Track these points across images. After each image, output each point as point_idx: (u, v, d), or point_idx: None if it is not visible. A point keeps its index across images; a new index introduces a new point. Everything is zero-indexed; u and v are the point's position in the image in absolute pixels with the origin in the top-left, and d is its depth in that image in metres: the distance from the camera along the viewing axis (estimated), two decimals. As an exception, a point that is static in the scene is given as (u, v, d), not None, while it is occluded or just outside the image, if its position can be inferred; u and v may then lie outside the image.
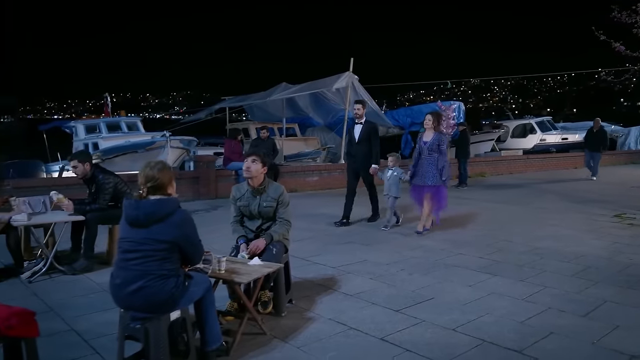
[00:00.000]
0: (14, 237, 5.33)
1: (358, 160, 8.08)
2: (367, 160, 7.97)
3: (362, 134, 8.00)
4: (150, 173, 3.03)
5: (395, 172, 7.78)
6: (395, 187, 7.76)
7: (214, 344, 3.38)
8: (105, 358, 3.52)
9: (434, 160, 7.24)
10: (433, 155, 7.26)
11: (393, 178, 7.76)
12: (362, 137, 7.99)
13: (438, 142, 7.26)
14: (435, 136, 7.30)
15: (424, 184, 7.30)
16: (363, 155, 7.99)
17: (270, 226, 4.30)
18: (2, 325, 2.68)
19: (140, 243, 2.93)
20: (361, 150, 8.03)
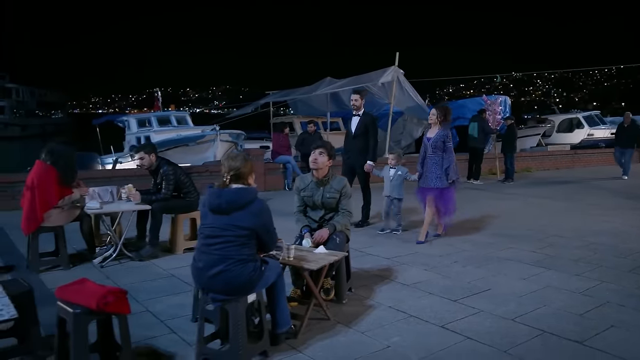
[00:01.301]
0: (88, 224, 5.68)
1: (353, 156, 7.38)
2: (363, 155, 7.30)
3: (359, 127, 7.32)
4: (232, 163, 3.24)
5: (400, 172, 7.08)
6: (399, 188, 7.06)
7: (284, 327, 3.57)
8: (182, 337, 3.75)
9: (439, 159, 6.51)
10: (437, 154, 6.52)
11: (397, 178, 7.06)
12: (359, 131, 7.31)
13: (443, 138, 6.50)
14: (440, 132, 6.54)
15: (427, 185, 6.63)
16: (359, 150, 7.30)
17: (332, 217, 4.46)
18: (100, 301, 2.93)
19: (222, 229, 3.14)
20: (357, 144, 7.32)
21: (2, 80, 54.05)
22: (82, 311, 2.95)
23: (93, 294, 2.99)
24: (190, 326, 3.94)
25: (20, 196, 8.59)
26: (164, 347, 3.59)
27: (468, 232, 7.27)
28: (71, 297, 3.04)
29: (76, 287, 3.13)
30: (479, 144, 13.06)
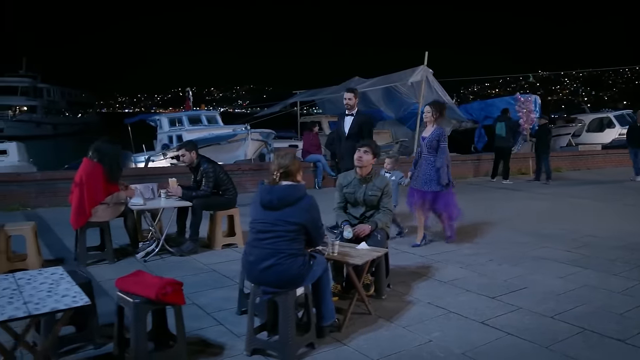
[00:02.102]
0: (131, 220, 5.87)
1: (346, 160, 6.64)
2: None
3: (353, 127, 6.82)
4: (282, 161, 3.37)
5: (394, 177, 6.60)
6: (394, 194, 6.21)
7: (328, 320, 3.69)
8: (229, 328, 3.89)
9: (434, 160, 6.08)
10: (433, 154, 6.09)
11: (392, 184, 6.23)
12: (353, 131, 6.79)
13: (438, 137, 6.05)
14: (435, 131, 6.07)
15: (422, 188, 6.17)
16: (352, 152, 6.73)
17: (372, 214, 4.56)
18: (159, 292, 3.09)
19: (273, 224, 3.26)
20: (351, 147, 6.31)
21: (34, 81, 55.34)
22: (142, 301, 3.11)
23: (152, 285, 3.15)
24: (236, 318, 4.09)
25: (61, 192, 8.94)
26: (213, 337, 3.73)
27: (501, 231, 7.28)
28: (130, 287, 3.20)
29: (135, 279, 3.30)
30: (506, 143, 12.95)
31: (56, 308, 2.48)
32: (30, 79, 54.73)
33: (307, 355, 3.45)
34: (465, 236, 6.93)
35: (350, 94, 6.96)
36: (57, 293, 2.68)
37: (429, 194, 6.12)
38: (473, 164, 14.26)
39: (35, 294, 2.66)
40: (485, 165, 14.26)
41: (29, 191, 8.90)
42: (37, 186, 9.00)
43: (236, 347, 3.57)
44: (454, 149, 16.38)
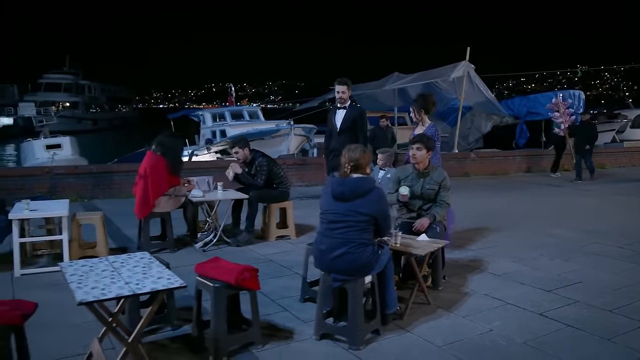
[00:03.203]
0: (191, 211, 6.13)
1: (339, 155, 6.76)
2: None
3: (345, 121, 6.42)
4: (352, 155, 3.53)
5: (389, 174, 6.15)
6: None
7: (392, 308, 3.83)
8: (294, 314, 4.08)
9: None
10: None
11: (385, 182, 6.00)
12: (346, 126, 6.40)
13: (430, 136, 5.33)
14: (427, 130, 5.58)
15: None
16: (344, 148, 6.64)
17: (429, 207, 4.67)
18: (238, 277, 3.29)
19: (344, 214, 3.42)
20: (343, 142, 6.10)
21: (76, 77, 57.06)
22: (221, 285, 3.31)
23: (231, 270, 3.35)
24: (300, 306, 4.28)
25: (115, 185, 9.32)
26: (281, 323, 3.92)
27: (550, 226, 7.27)
28: (209, 272, 3.41)
29: (213, 264, 3.51)
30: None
31: (155, 288, 2.70)
32: (73, 76, 56.47)
33: (373, 341, 3.60)
34: (513, 231, 6.97)
35: (342, 87, 6.45)
36: (152, 275, 2.89)
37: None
38: (514, 160, 14.16)
39: (132, 276, 2.88)
40: (526, 161, 14.15)
41: (85, 183, 9.30)
42: (93, 178, 9.40)
43: (304, 332, 3.75)
44: (495, 144, 16.28)
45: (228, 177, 6.30)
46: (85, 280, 2.80)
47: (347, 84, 6.51)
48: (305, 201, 9.08)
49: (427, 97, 5.78)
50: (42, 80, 55.49)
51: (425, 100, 5.69)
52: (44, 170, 9.22)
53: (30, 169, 9.08)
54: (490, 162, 13.69)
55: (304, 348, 3.52)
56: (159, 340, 3.63)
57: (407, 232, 4.50)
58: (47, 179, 8.97)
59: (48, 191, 8.67)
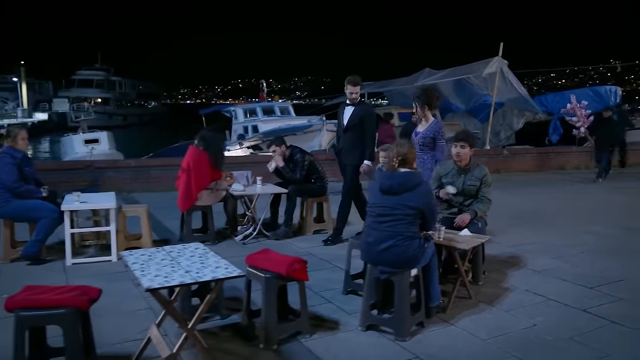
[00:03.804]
0: (232, 205, 6.27)
1: (345, 153, 6.12)
2: (356, 152, 6.00)
3: (353, 118, 6.06)
4: (400, 150, 3.60)
5: None
6: None
7: (435, 301, 3.90)
8: (338, 306, 4.17)
9: (428, 158, 5.27)
10: (427, 153, 5.27)
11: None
12: (353, 123, 6.05)
13: (433, 133, 5.24)
14: (430, 126, 5.26)
15: None
16: (351, 146, 6.03)
17: (470, 203, 4.71)
18: (289, 268, 3.39)
19: (392, 208, 3.50)
20: (349, 140, 6.05)
21: (107, 74, 58.22)
22: (272, 275, 3.42)
23: (282, 261, 3.46)
24: (343, 298, 4.38)
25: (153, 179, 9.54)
26: (326, 314, 4.02)
27: (586, 224, 7.21)
28: (260, 263, 3.52)
29: (263, 256, 3.62)
30: (620, 134, 12.50)
31: (216, 277, 2.82)
32: (105, 72, 57.59)
33: (418, 333, 3.67)
34: (550, 228, 6.94)
35: (356, 88, 6.07)
36: (210, 265, 3.02)
37: None
38: (547, 157, 13.98)
39: (191, 265, 3.00)
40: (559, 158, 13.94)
41: (124, 177, 9.55)
42: (132, 172, 9.64)
43: (350, 323, 3.84)
44: (528, 141, 16.07)
45: (269, 168, 6.43)
46: (147, 268, 2.93)
47: (360, 82, 6.22)
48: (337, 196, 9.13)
49: (429, 91, 5.44)
50: (75, 76, 56.82)
51: (428, 95, 5.35)
52: (85, 164, 9.51)
53: (73, 163, 9.39)
54: (522, 159, 13.55)
55: (351, 338, 3.61)
56: (209, 328, 3.76)
57: (448, 228, 4.53)
58: (89, 173, 9.24)
59: (89, 184, 8.93)
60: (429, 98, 5.29)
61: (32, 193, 5.31)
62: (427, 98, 5.28)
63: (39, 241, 5.24)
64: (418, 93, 5.39)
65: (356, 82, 6.09)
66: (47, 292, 2.91)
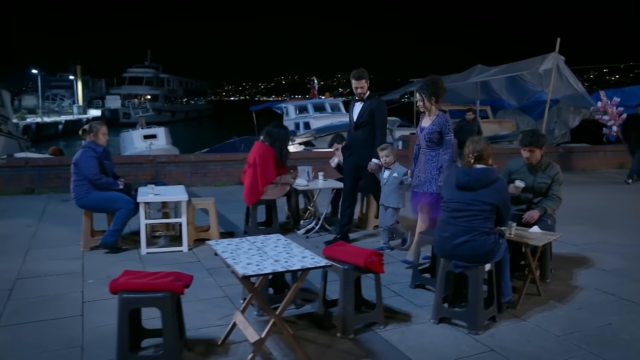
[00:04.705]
0: (295, 199, 6.44)
1: (356, 152, 5.84)
2: (368, 150, 5.69)
3: (362, 114, 5.75)
4: (476, 146, 3.65)
5: (395, 173, 5.45)
6: (395, 194, 5.44)
7: (507, 297, 3.94)
8: (408, 299, 4.26)
9: (435, 155, 4.94)
10: (434, 149, 4.95)
11: (392, 181, 5.45)
12: (363, 119, 5.74)
13: (439, 128, 4.88)
14: (436, 120, 4.90)
15: (419, 189, 5.04)
16: (362, 143, 5.76)
17: (540, 201, 4.69)
18: (367, 260, 3.50)
19: (468, 204, 3.56)
20: (360, 137, 5.76)
21: (156, 71, 59.87)
22: (350, 267, 3.54)
23: (360, 254, 3.57)
24: (411, 291, 4.46)
25: (210, 173, 9.84)
26: (397, 306, 4.11)
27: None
28: (337, 255, 3.64)
29: (340, 248, 3.74)
30: None
31: (305, 266, 2.96)
32: (154, 70, 59.27)
33: (491, 327, 3.72)
34: (615, 227, 6.81)
35: (360, 82, 5.74)
36: (296, 254, 3.16)
37: (429, 196, 4.94)
38: (605, 155, 13.61)
39: (278, 254, 3.15)
40: (617, 157, 13.52)
41: (184, 171, 9.88)
42: (191, 167, 9.97)
43: (421, 316, 3.92)
44: (584, 139, 15.66)
45: (331, 164, 6.55)
46: (237, 257, 3.10)
47: (365, 76, 5.80)
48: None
49: (439, 82, 4.98)
50: (126, 74, 58.71)
51: (437, 86, 4.93)
52: (148, 158, 9.89)
53: (136, 157, 9.80)
54: (579, 157, 13.24)
55: (425, 330, 3.69)
56: (285, 317, 3.89)
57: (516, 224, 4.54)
58: (151, 167, 9.62)
59: (151, 178, 9.29)
60: (437, 89, 4.93)
61: (111, 185, 5.60)
62: (436, 89, 4.92)
63: (117, 231, 5.53)
64: (425, 83, 4.99)
65: (359, 76, 5.75)
66: (145, 276, 3.12)
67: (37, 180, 9.07)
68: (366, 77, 5.78)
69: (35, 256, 5.40)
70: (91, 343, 3.45)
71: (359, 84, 5.73)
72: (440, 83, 4.96)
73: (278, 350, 3.34)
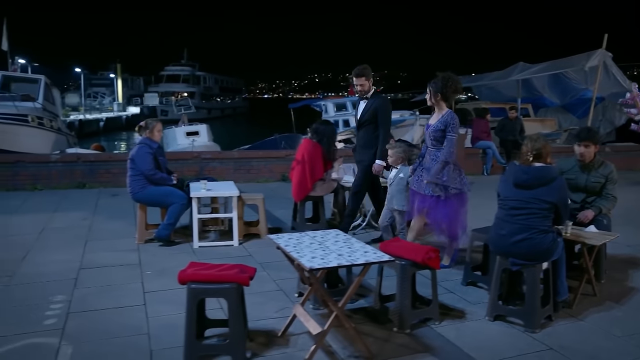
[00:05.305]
0: (342, 196, 6.50)
1: (357, 152, 5.83)
2: (369, 150, 5.59)
3: (365, 113, 5.59)
4: (535, 144, 3.65)
5: (401, 174, 5.14)
6: (400, 195, 5.10)
7: (562, 296, 3.92)
8: (461, 296, 4.28)
9: (440, 155, 4.72)
10: (440, 149, 4.72)
11: (398, 182, 5.12)
12: (366, 118, 5.59)
13: (444, 125, 4.66)
14: (443, 117, 4.71)
15: (419, 189, 4.77)
16: (364, 143, 5.68)
17: (593, 200, 4.64)
18: (425, 257, 3.55)
19: (526, 202, 3.56)
20: (363, 136, 5.69)
21: (193, 69, 60.89)
22: (408, 263, 3.58)
23: (417, 250, 3.62)
24: (464, 288, 4.48)
25: (253, 170, 9.99)
26: (450, 303, 4.14)
27: None
28: (395, 251, 3.68)
29: (397, 244, 3.80)
30: None
31: (369, 260, 3.02)
32: (190, 68, 60.31)
33: (547, 326, 3.71)
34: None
35: (360, 79, 5.57)
36: (357, 249, 3.23)
37: (429, 199, 4.71)
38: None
39: (340, 249, 3.23)
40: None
41: (227, 167, 10.07)
42: (234, 163, 10.16)
43: (475, 313, 3.94)
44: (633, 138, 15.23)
45: None
46: (301, 251, 3.18)
47: (365, 74, 5.59)
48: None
49: (448, 80, 4.70)
50: (163, 72, 59.89)
51: (446, 84, 4.68)
52: (193, 155, 10.13)
53: (182, 154, 10.04)
54: (626, 157, 12.89)
55: (480, 327, 3.71)
56: (340, 311, 3.99)
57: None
58: (196, 163, 9.84)
59: (196, 174, 9.50)
60: (446, 88, 4.68)
61: (165, 180, 5.78)
62: (444, 87, 4.68)
63: (171, 225, 5.70)
64: (437, 78, 4.72)
65: (360, 74, 5.55)
66: (211, 268, 3.23)
67: (88, 175, 9.39)
68: (367, 75, 5.59)
69: (93, 247, 5.62)
70: (156, 330, 3.59)
71: (359, 82, 5.57)
72: (451, 83, 4.71)
73: (337, 343, 3.42)
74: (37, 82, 15.32)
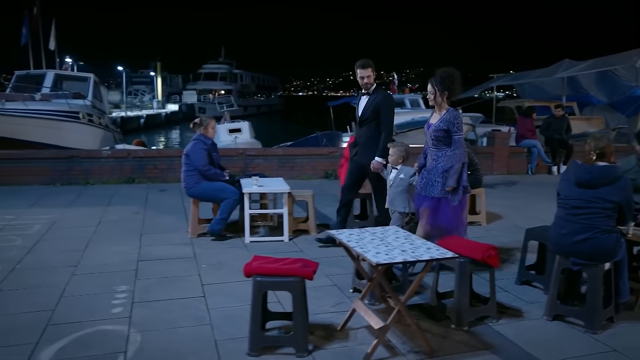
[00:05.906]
0: (389, 193, 6.52)
1: (360, 150, 5.44)
2: (371, 149, 5.28)
3: (367, 109, 5.32)
4: (598, 143, 3.61)
5: (402, 175, 4.85)
6: (401, 197, 4.86)
7: (624, 297, 3.85)
8: (516, 295, 4.26)
9: (442, 155, 4.45)
10: (441, 149, 4.46)
11: (399, 183, 4.87)
12: (367, 115, 5.32)
13: (447, 125, 4.39)
14: (445, 117, 4.43)
15: (423, 191, 4.55)
16: (367, 142, 5.36)
17: (656, 200, 4.54)
18: (485, 254, 3.55)
19: (588, 201, 3.52)
20: (365, 134, 5.38)
21: (230, 67, 61.64)
22: (467, 260, 3.60)
23: (477, 247, 3.63)
24: (517, 287, 4.47)
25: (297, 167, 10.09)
26: (506, 302, 4.12)
27: None
28: (453, 248, 3.68)
29: (455, 242, 3.80)
30: None
31: (433, 256, 3.05)
32: (228, 66, 61.10)
33: (609, 327, 3.67)
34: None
35: (366, 71, 5.27)
36: (419, 246, 3.26)
37: (431, 200, 4.50)
38: None
39: (402, 245, 3.26)
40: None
41: (271, 164, 10.20)
42: (278, 160, 10.28)
43: (533, 312, 3.92)
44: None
45: None
46: (364, 246, 3.23)
47: (371, 66, 5.33)
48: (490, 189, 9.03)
49: (454, 76, 4.45)
50: (201, 70, 60.82)
51: (452, 80, 4.43)
52: (238, 151, 10.30)
53: (228, 150, 10.19)
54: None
55: (539, 326, 3.69)
56: (395, 307, 4.02)
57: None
58: (241, 159, 10.01)
59: (241, 170, 9.67)
60: (453, 84, 4.43)
61: (218, 176, 5.92)
62: (451, 84, 4.43)
63: (223, 219, 5.83)
64: (440, 76, 4.45)
65: (366, 65, 5.30)
66: (275, 262, 3.31)
67: (137, 170, 9.67)
68: (372, 67, 5.35)
69: (148, 241, 5.80)
70: (218, 321, 3.71)
71: (365, 73, 5.28)
72: (457, 77, 4.46)
73: (396, 338, 3.46)
74: (87, 80, 15.84)
